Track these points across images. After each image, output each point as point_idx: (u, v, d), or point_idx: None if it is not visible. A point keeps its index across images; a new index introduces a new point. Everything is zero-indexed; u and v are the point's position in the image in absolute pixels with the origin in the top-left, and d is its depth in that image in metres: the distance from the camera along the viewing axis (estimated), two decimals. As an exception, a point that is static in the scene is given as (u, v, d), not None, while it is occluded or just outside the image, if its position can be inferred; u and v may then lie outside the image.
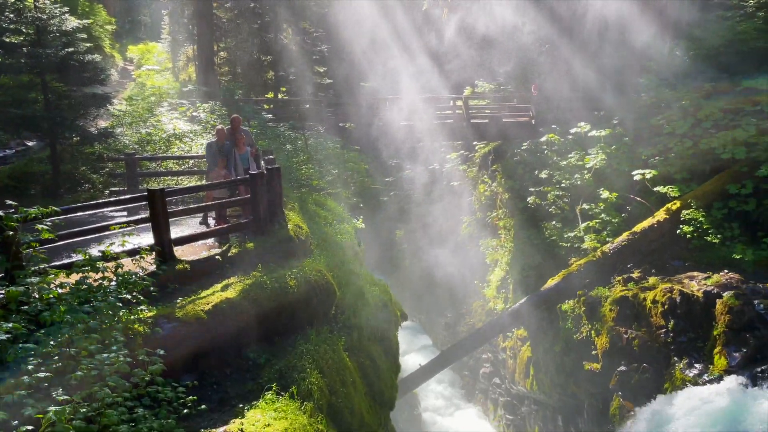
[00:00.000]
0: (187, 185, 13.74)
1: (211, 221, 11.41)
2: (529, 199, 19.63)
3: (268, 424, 6.60)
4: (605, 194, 17.42)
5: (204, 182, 12.36)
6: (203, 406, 6.76)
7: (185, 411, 6.43)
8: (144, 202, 8.59)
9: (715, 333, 12.21)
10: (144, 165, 15.20)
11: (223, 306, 7.94)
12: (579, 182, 18.66)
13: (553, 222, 18.64)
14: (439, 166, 25.67)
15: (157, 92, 21.86)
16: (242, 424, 6.65)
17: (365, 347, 10.48)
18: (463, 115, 23.11)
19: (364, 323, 10.53)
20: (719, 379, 11.63)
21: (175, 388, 6.01)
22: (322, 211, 13.39)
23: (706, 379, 11.80)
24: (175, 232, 9.46)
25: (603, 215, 17.27)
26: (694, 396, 11.46)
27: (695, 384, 11.89)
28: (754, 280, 13.09)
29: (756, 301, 12.09)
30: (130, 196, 10.68)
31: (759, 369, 11.02)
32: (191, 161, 15.47)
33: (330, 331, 9.40)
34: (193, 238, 9.37)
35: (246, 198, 10.08)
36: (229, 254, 9.24)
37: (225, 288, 8.34)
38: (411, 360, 22.74)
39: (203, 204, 10.73)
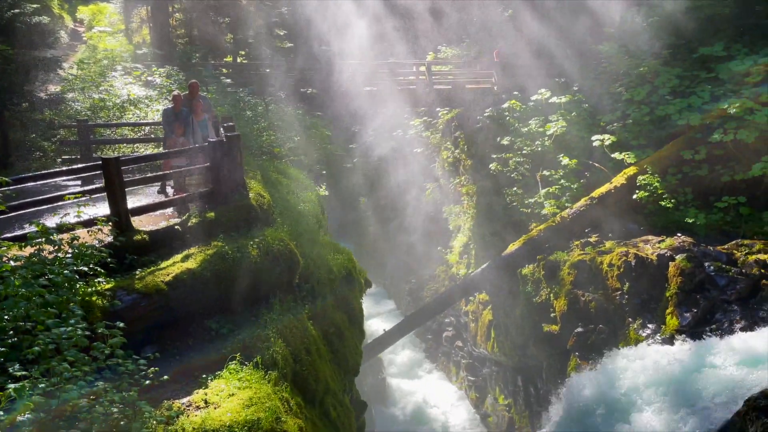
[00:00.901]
0: (144, 153, 13.39)
1: (170, 190, 11.18)
2: (491, 165, 19.79)
3: (233, 394, 6.62)
4: (565, 160, 17.69)
5: (161, 150, 12.05)
6: (166, 378, 6.70)
7: (147, 383, 6.38)
8: (99, 171, 8.34)
9: (667, 294, 12.68)
10: (98, 132, 14.72)
11: (183, 277, 7.84)
12: (540, 149, 18.88)
13: (515, 188, 18.89)
14: (402, 133, 25.59)
15: (110, 56, 21.03)
16: (206, 395, 6.66)
17: (329, 315, 10.53)
18: (427, 81, 23.00)
19: (329, 291, 10.57)
20: (671, 338, 12.13)
21: (137, 361, 5.95)
22: (285, 179, 13.23)
23: (659, 338, 12.29)
24: (132, 202, 9.25)
25: (563, 181, 17.57)
26: (647, 355, 11.95)
27: (648, 343, 12.37)
28: (706, 243, 13.58)
29: (707, 264, 12.56)
30: (84, 165, 10.36)
31: (708, 328, 11.53)
32: (147, 128, 15.06)
33: (294, 300, 9.40)
34: (151, 207, 9.17)
35: (205, 166, 9.88)
36: (189, 224, 9.08)
37: (185, 258, 8.23)
38: (375, 325, 23.03)
39: (161, 173, 10.48)
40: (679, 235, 14.03)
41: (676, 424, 10.09)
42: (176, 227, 8.94)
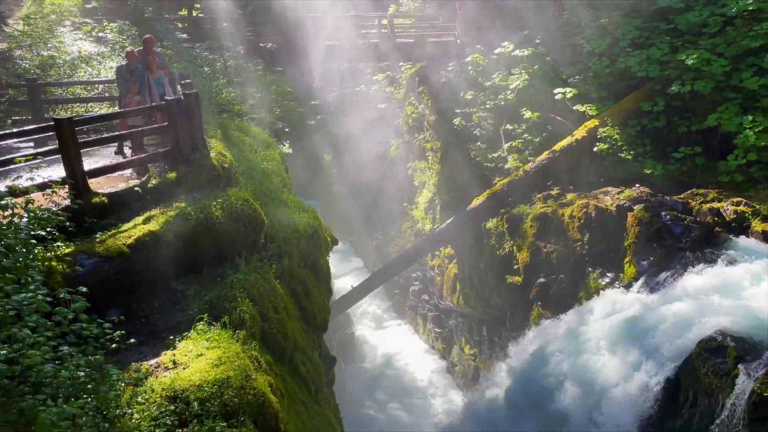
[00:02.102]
0: (99, 113, 12.94)
1: (128, 151, 10.89)
2: (455, 120, 19.78)
3: (201, 354, 6.63)
4: (527, 114, 17.78)
5: (116, 109, 11.66)
6: (132, 340, 6.67)
7: (113, 346, 6.33)
8: (52, 132, 8.05)
9: (626, 244, 13.08)
10: (48, 91, 14.14)
11: (146, 239, 7.72)
12: (503, 103, 18.91)
13: (478, 143, 18.97)
14: (365, 88, 25.27)
15: (58, 10, 19.98)
16: (174, 355, 6.66)
17: (296, 274, 10.55)
18: (389, 35, 22.61)
19: (295, 250, 10.55)
20: (628, 285, 12.57)
21: (101, 324, 5.88)
22: (246, 138, 13.00)
23: (617, 286, 12.73)
24: (89, 164, 9.00)
25: (525, 135, 17.71)
26: (606, 302, 12.38)
27: (607, 291, 12.82)
28: (663, 193, 13.95)
29: (663, 213, 12.94)
30: (36, 126, 9.97)
31: (663, 275, 11.96)
32: (101, 87, 14.52)
33: (260, 259, 9.37)
34: (109, 169, 8.93)
35: (163, 126, 9.62)
36: (150, 185, 8.90)
37: (147, 221, 8.08)
38: (343, 282, 23.21)
39: (118, 133, 10.17)
40: (637, 185, 14.38)
41: (633, 366, 10.57)
42: (136, 189, 8.75)
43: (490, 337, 17.85)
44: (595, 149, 15.79)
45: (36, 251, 6.19)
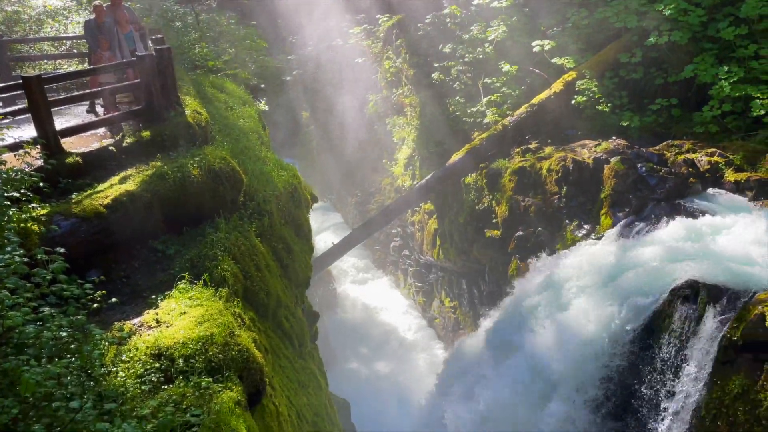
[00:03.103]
0: (68, 70, 12.56)
1: (100, 110, 10.65)
2: (433, 75, 19.57)
3: (184, 312, 6.67)
4: (506, 67, 17.66)
5: (86, 66, 11.33)
6: (114, 300, 6.66)
7: (95, 306, 6.33)
8: (20, 91, 7.82)
9: (602, 196, 13.26)
10: (14, 48, 13.66)
11: (123, 199, 7.64)
12: (481, 56, 18.73)
13: (457, 97, 18.84)
14: (342, 42, 24.77)
15: (18, -38, 19.11)
16: (157, 314, 6.69)
17: (277, 231, 10.55)
18: (365, -13, 22.08)
19: (275, 208, 10.52)
20: (605, 237, 12.81)
21: (82, 285, 5.87)
22: (221, 95, 12.75)
23: (593, 237, 12.97)
24: (61, 123, 8.80)
25: (504, 88, 17.63)
26: (582, 253, 12.63)
27: (584, 242, 13.06)
28: (639, 145, 14.10)
29: (639, 165, 13.10)
30: (3, 84, 9.65)
31: (638, 226, 12.20)
32: (69, 42, 14.06)
33: (240, 218, 9.34)
34: (82, 128, 8.75)
35: (136, 83, 9.40)
36: (124, 144, 8.74)
37: (123, 180, 7.98)
38: (324, 239, 23.30)
39: (89, 91, 9.91)
40: (614, 138, 14.49)
41: (609, 313, 10.87)
42: (110, 148, 8.60)
43: (470, 290, 18.17)
44: (572, 102, 15.81)
45: (11, 213, 6.10)
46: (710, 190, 12.52)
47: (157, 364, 5.91)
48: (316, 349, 12.24)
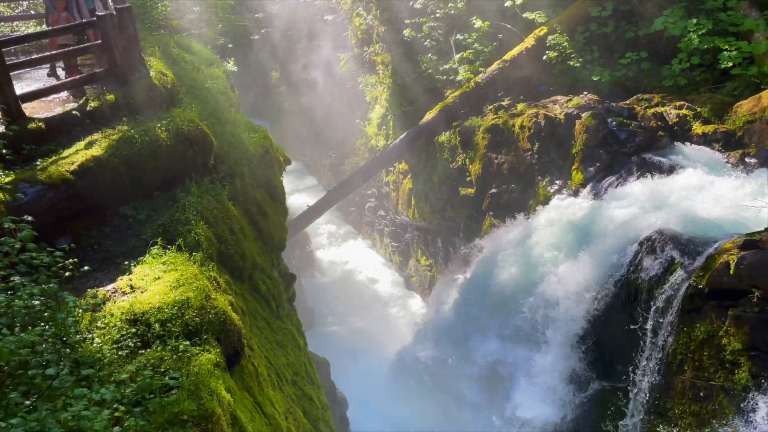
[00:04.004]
0: (25, 32, 12.08)
1: (61, 73, 10.30)
2: (405, 32, 19.28)
3: (158, 277, 6.63)
4: (478, 23, 17.47)
5: (45, 28, 10.90)
6: (86, 268, 6.59)
7: (67, 274, 6.26)
8: (-26, 55, 7.50)
9: (573, 151, 13.39)
10: (-35, 10, 13.07)
11: (90, 165, 7.47)
12: (453, 11, 18.47)
13: (429, 55, 18.64)
14: (310, -1, 24.20)
15: None
16: (131, 280, 6.64)
17: (250, 194, 10.46)
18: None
19: (247, 171, 10.40)
20: (576, 192, 13.00)
21: (52, 253, 5.78)
22: (188, 55, 12.40)
23: (565, 192, 13.14)
24: (21, 88, 8.50)
25: (476, 45, 17.47)
26: (555, 208, 12.83)
27: (556, 198, 13.24)
28: (609, 100, 14.19)
29: (609, 119, 13.22)
30: (-45, 48, 9.25)
31: (608, 180, 12.39)
32: (26, 3, 13.50)
33: (211, 181, 9.23)
34: (43, 92, 8.45)
35: (97, 44, 9.08)
36: (88, 108, 8.49)
37: (89, 146, 7.79)
38: (298, 201, 23.20)
39: (48, 53, 9.55)
40: (585, 93, 14.55)
41: (582, 265, 11.13)
42: (74, 113, 8.35)
43: (445, 247, 18.36)
44: (544, 58, 15.77)
45: (-27, 181, 5.94)
46: (678, 144, 12.72)
47: (134, 330, 5.89)
48: (293, 310, 12.31)
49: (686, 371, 9.07)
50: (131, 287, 6.54)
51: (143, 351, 5.72)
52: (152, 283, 6.56)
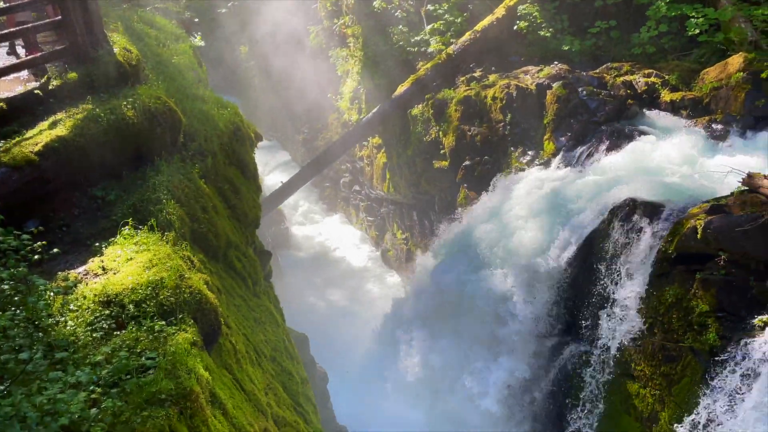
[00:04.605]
0: (-20, 9, 11.59)
1: (21, 51, 9.97)
2: (375, 3, 19.03)
3: (131, 258, 6.55)
4: (448, -7, 17.34)
5: (1, 5, 10.50)
6: (56, 250, 6.47)
7: (36, 257, 6.16)
8: (-74, 34, 7.22)
9: (545, 122, 13.48)
10: None
11: (55, 145, 7.29)
12: (423, -18, 18.28)
13: (400, 26, 18.47)
14: (278, -30, 23.60)
15: None
16: (102, 262, 6.55)
17: (222, 172, 10.32)
18: None
19: (218, 148, 10.25)
20: (548, 162, 13.12)
21: (19, 236, 5.67)
22: (152, 31, 12.06)
23: (537, 163, 13.26)
24: (-22, 67, 8.21)
25: (447, 16, 17.36)
26: (527, 179, 12.94)
27: (528, 168, 13.36)
28: (580, 69, 14.27)
29: (580, 89, 13.31)
30: None
31: (579, 150, 12.52)
32: (-22, -21, 12.92)
33: (182, 159, 9.08)
34: (2, 72, 8.18)
35: (57, 20, 8.78)
36: (50, 87, 8.25)
37: (53, 125, 7.58)
38: (272, 178, 23.03)
39: (6, 31, 9.21)
40: (556, 63, 14.60)
41: (552, 236, 11.29)
42: (36, 92, 8.10)
43: (421, 221, 18.45)
44: (515, 28, 15.74)
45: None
46: (647, 111, 12.88)
47: (107, 311, 5.83)
48: (270, 287, 12.30)
49: (656, 334, 9.34)
50: (103, 269, 6.46)
51: (118, 332, 5.68)
52: (124, 264, 6.48)
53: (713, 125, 11.84)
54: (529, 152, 13.70)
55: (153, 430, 4.66)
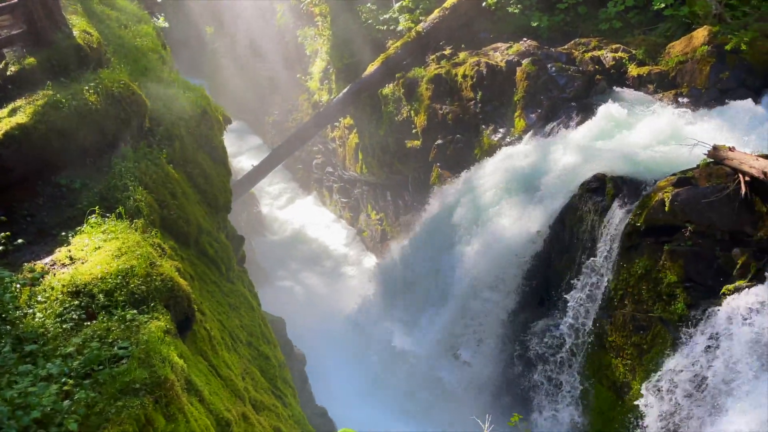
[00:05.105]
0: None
1: (-25, 36, 9.59)
2: (342, -20, 18.77)
3: (99, 247, 6.42)
4: (417, -30, 17.16)
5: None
6: (20, 241, 6.36)
7: (0, 248, 6.03)
8: None
9: (515, 99, 13.52)
10: None
11: (15, 133, 7.07)
12: (390, -42, 18.05)
13: (369, 4, 18.25)
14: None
15: None
16: (70, 251, 6.42)
17: (190, 156, 10.15)
18: None
19: (185, 132, 10.06)
20: (519, 139, 13.19)
21: (-19, 228, 5.53)
22: (113, 12, 11.71)
23: (508, 140, 13.32)
24: (-71, 54, 7.89)
25: (415, -7, 17.19)
26: (499, 156, 13.01)
27: (500, 145, 13.42)
28: (549, 45, 14.30)
29: (549, 65, 13.36)
30: None
31: (549, 126, 12.60)
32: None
33: (148, 145, 8.90)
34: (-44, 58, 7.89)
35: (13, 3, 8.47)
36: (8, 73, 7.98)
37: (13, 113, 7.35)
38: (243, 162, 22.74)
39: (-42, 15, 8.85)
40: (525, 39, 14.59)
41: (523, 211, 11.40)
42: (-8, 78, 7.84)
43: (395, 201, 18.45)
44: (483, 4, 15.68)
45: None
46: (616, 87, 13.00)
47: (77, 302, 5.73)
48: (244, 272, 12.22)
49: (626, 305, 9.54)
50: (71, 258, 6.33)
51: (89, 323, 5.58)
52: (93, 253, 6.36)
53: (679, 99, 12.01)
54: (501, 130, 13.74)
55: (128, 420, 4.61)
